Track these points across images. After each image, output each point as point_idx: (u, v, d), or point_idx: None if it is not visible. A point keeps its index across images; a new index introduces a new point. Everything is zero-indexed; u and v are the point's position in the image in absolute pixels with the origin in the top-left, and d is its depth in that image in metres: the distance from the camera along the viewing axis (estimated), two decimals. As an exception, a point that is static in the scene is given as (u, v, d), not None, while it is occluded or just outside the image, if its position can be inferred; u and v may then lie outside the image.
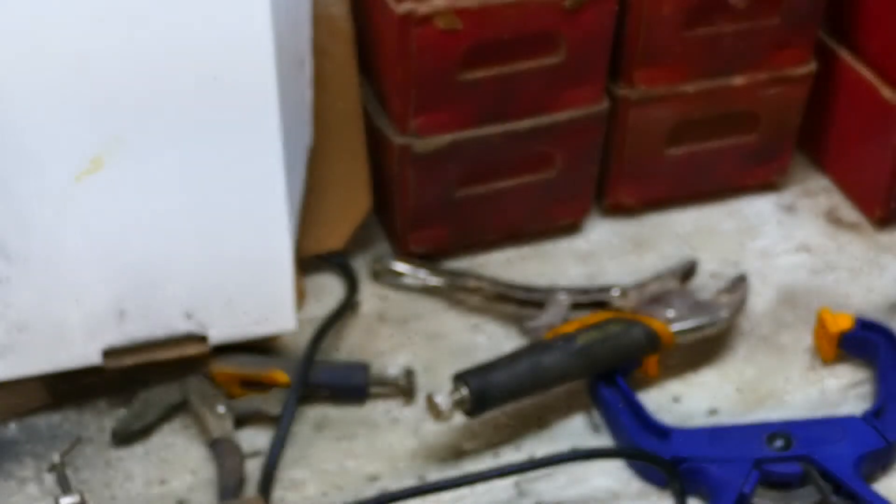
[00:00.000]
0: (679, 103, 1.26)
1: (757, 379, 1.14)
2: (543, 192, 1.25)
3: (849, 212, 1.35)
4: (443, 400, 1.02)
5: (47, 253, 0.99)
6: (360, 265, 1.25)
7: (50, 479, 1.03)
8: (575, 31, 1.15)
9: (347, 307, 1.19)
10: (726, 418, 1.10)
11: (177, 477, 1.04)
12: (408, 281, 1.23)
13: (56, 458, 1.03)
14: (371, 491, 1.03)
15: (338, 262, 1.24)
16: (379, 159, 1.22)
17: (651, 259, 1.28)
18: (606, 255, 1.29)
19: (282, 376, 1.09)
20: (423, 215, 1.22)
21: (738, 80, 1.27)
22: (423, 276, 1.22)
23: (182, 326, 1.05)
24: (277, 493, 1.02)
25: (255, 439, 1.07)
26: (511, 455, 1.07)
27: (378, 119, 1.19)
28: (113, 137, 0.98)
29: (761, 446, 1.02)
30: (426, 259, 1.25)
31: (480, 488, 1.03)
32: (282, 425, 1.04)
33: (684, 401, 1.12)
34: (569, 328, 1.08)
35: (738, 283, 1.16)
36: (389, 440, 1.08)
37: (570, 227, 1.32)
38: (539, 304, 1.17)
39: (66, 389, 1.09)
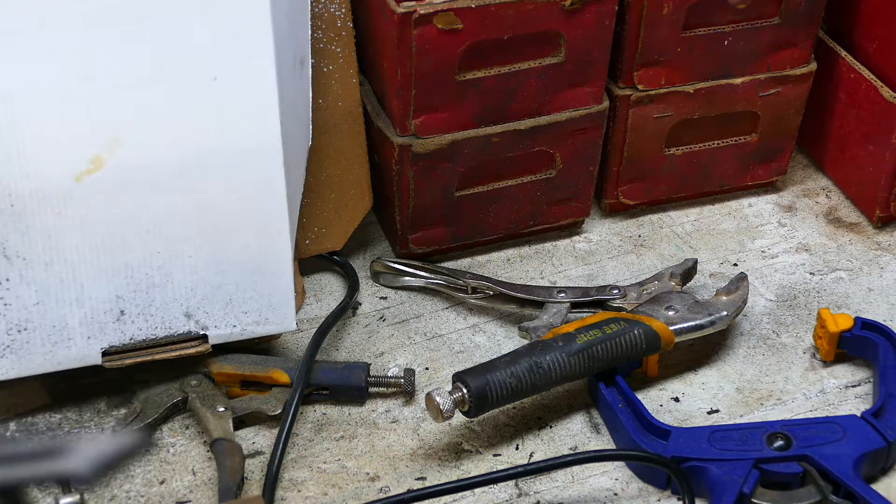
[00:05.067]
0: (679, 103, 1.26)
1: (757, 379, 1.14)
2: (543, 192, 1.25)
3: (849, 212, 1.35)
4: (443, 400, 1.02)
5: (47, 253, 0.99)
6: (360, 265, 1.25)
7: (50, 479, 1.03)
8: (575, 31, 1.15)
9: (347, 307, 1.19)
10: (726, 418, 1.10)
11: (177, 477, 1.04)
12: (408, 281, 1.23)
13: (56, 458, 1.03)
14: (371, 491, 1.03)
15: (338, 262, 1.24)
16: (379, 159, 1.22)
17: (651, 259, 1.28)
18: (606, 255, 1.29)
19: (282, 376, 1.09)
20: (423, 215, 1.22)
21: (738, 80, 1.27)
22: (423, 276, 1.22)
23: (182, 326, 1.05)
24: (277, 492, 1.02)
25: (255, 439, 1.07)
26: (511, 455, 1.07)
27: (378, 119, 1.19)
28: (113, 137, 0.98)
29: (761, 446, 1.02)
30: (426, 259, 1.25)
31: (480, 488, 1.03)
32: (284, 425, 1.04)
33: (684, 401, 1.12)
34: (569, 328, 1.08)
35: (738, 283, 1.16)
36: (389, 440, 1.08)
37: (570, 227, 1.32)
38: (539, 304, 1.17)
39: (66, 389, 1.09)
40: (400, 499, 0.99)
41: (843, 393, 1.13)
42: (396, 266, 1.23)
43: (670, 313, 1.11)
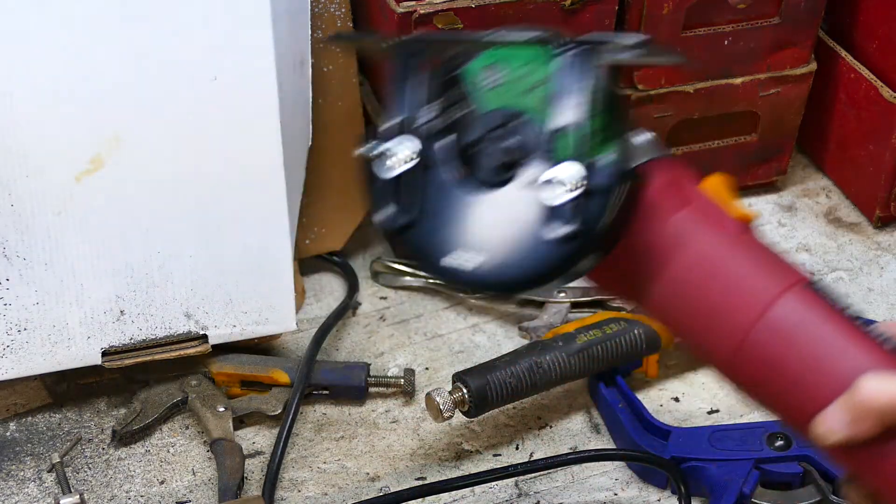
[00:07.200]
0: (679, 103, 1.26)
1: (757, 379, 1.14)
2: (543, 192, 1.25)
3: (849, 212, 1.35)
4: (443, 400, 1.02)
5: (47, 253, 0.99)
6: (360, 265, 1.25)
7: (50, 479, 1.03)
8: (575, 30, 1.15)
9: (347, 307, 1.19)
10: (726, 418, 1.10)
11: (177, 477, 1.04)
12: (408, 281, 1.23)
13: (56, 458, 1.03)
14: (371, 491, 1.03)
15: (338, 262, 1.24)
16: (379, 159, 1.22)
17: (651, 259, 1.28)
18: (606, 255, 1.29)
19: (282, 376, 1.09)
20: (423, 215, 1.22)
21: (738, 80, 1.27)
22: (423, 276, 1.22)
23: (182, 326, 1.05)
24: (277, 492, 1.02)
25: (255, 439, 1.07)
26: (511, 455, 1.07)
27: (378, 119, 1.19)
28: (113, 137, 0.98)
29: (761, 446, 1.02)
30: (426, 259, 1.25)
31: (480, 488, 1.03)
32: (284, 425, 1.04)
33: (684, 401, 1.12)
34: (569, 328, 1.08)
35: (738, 283, 1.16)
36: (389, 440, 1.08)
37: (570, 227, 1.31)
38: (539, 304, 1.17)
39: (66, 389, 1.09)
40: (400, 496, 0.99)
41: (843, 393, 1.13)
42: (396, 266, 1.23)
43: (670, 313, 1.11)
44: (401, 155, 0.70)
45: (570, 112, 0.66)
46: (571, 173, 0.65)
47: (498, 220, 0.68)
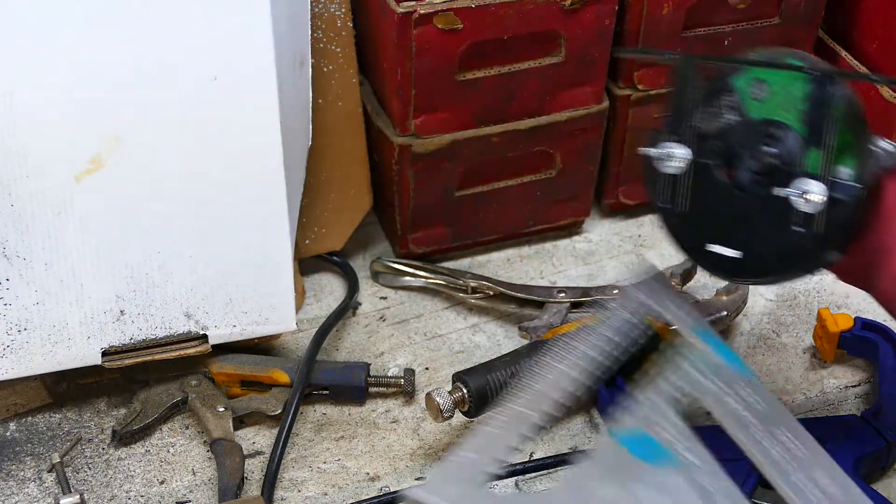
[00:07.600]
0: (679, 103, 1.26)
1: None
2: (543, 192, 1.25)
3: (849, 212, 1.35)
4: (443, 400, 1.02)
5: (47, 253, 0.99)
6: (360, 265, 1.25)
7: (50, 479, 1.03)
8: (575, 31, 1.15)
9: (347, 307, 1.19)
10: (726, 418, 1.10)
11: (177, 477, 1.04)
12: (408, 281, 1.23)
13: (56, 458, 1.03)
14: (371, 491, 1.03)
15: (338, 262, 1.24)
16: (379, 159, 1.22)
17: (651, 259, 1.28)
18: (606, 255, 1.29)
19: (282, 376, 1.09)
20: (423, 215, 1.22)
21: (738, 80, 1.27)
22: (423, 276, 1.22)
23: (182, 326, 1.05)
24: (277, 492, 1.02)
25: (255, 439, 1.07)
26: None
27: (378, 119, 1.20)
28: (113, 137, 0.98)
29: (761, 446, 1.02)
30: (426, 259, 1.25)
31: (480, 488, 1.03)
32: (284, 425, 1.04)
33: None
34: (569, 328, 1.08)
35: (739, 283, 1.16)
36: (389, 440, 1.08)
37: (570, 227, 1.32)
38: (539, 304, 1.17)
39: (66, 389, 1.09)
40: (400, 496, 0.99)
41: (843, 393, 1.13)
42: (396, 266, 1.23)
43: (670, 313, 1.11)
44: (678, 155, 0.85)
45: (821, 129, 0.78)
46: (820, 183, 0.78)
47: (755, 217, 0.82)
